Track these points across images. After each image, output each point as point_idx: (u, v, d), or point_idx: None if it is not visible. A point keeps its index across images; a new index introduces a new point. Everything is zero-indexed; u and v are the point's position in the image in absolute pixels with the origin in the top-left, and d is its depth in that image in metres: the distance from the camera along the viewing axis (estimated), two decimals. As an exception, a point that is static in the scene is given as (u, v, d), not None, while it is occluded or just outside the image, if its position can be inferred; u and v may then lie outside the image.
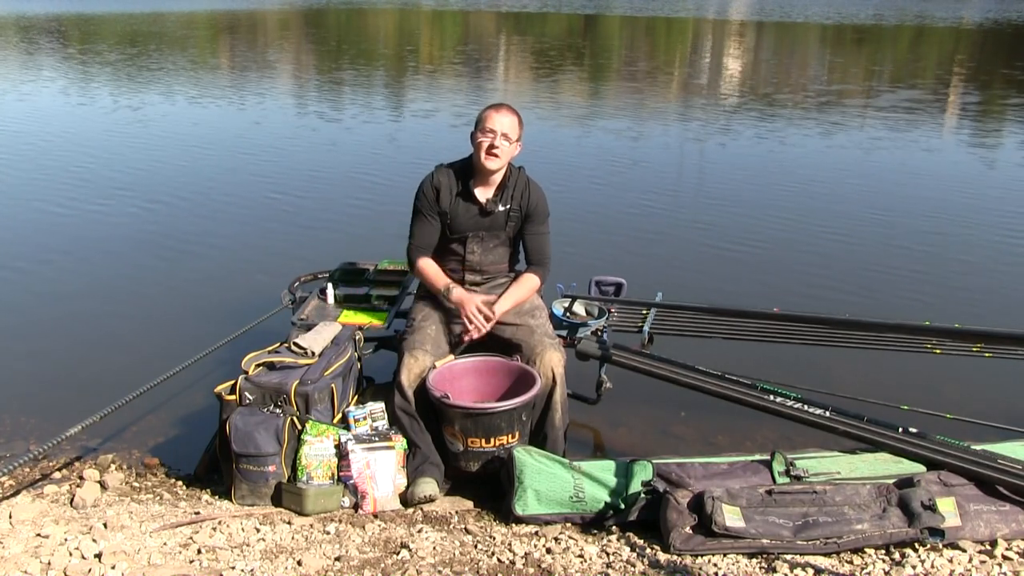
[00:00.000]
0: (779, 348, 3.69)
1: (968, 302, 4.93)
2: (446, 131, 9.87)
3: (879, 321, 3.62)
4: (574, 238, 5.71)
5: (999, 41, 24.74)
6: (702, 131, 10.47)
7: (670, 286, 4.61)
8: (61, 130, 9.78)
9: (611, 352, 3.35)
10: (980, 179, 8.16)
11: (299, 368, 2.95)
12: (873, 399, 3.14)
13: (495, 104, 3.15)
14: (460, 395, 3.00)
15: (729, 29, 28.73)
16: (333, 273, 3.89)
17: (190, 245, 5.77)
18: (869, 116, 11.46)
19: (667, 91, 14.65)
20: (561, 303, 3.63)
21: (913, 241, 6.03)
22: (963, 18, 32.92)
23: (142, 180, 7.45)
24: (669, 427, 3.58)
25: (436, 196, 3.16)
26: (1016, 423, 3.01)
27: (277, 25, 27.55)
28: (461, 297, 3.11)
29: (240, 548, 2.47)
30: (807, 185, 7.65)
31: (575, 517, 2.71)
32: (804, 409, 2.98)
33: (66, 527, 2.54)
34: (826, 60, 19.60)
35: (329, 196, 7.04)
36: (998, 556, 2.43)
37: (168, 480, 3.12)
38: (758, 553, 2.43)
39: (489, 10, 35.36)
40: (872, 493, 2.55)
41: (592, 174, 7.89)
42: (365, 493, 2.81)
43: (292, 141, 9.44)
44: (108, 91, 12.89)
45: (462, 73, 16.43)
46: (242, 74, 15.44)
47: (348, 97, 12.86)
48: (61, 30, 24.07)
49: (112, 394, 3.09)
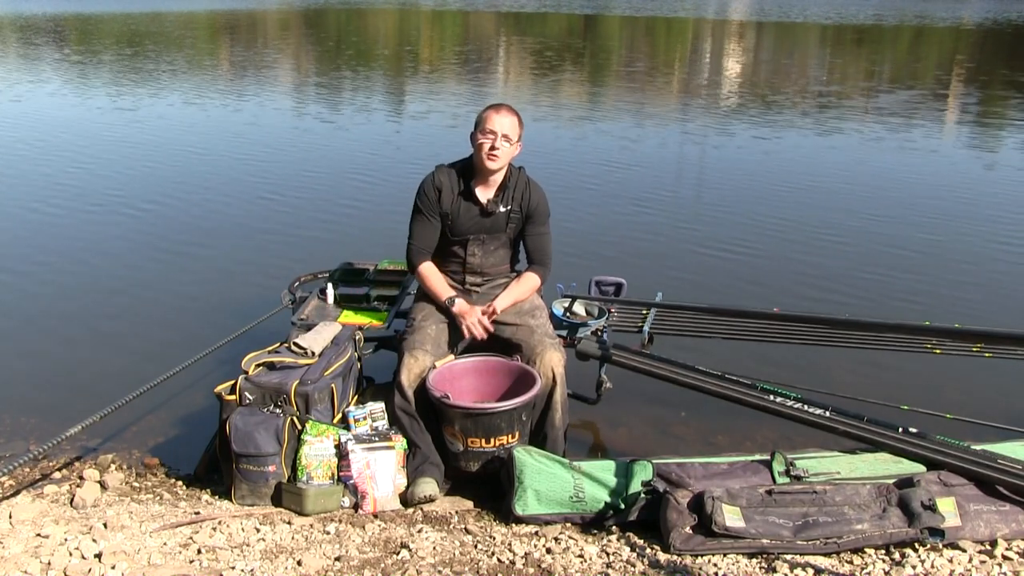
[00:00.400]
0: (779, 348, 3.69)
1: (968, 302, 4.93)
2: (446, 131, 9.87)
3: (879, 321, 3.63)
4: (574, 238, 5.71)
5: (999, 41, 24.75)
6: (702, 131, 10.47)
7: (670, 286, 4.62)
8: (59, 131, 9.78)
9: (611, 352, 3.35)
10: (980, 179, 8.16)
11: (299, 368, 2.95)
12: (873, 399, 3.14)
13: (495, 104, 3.14)
14: (460, 395, 3.00)
15: (729, 29, 28.73)
16: (333, 273, 3.89)
17: (190, 245, 5.76)
18: (869, 116, 11.46)
19: (667, 91, 14.65)
20: (561, 303, 3.63)
21: (913, 241, 6.03)
22: (963, 18, 32.92)
23: (141, 180, 7.45)
24: (669, 427, 3.58)
25: (437, 196, 3.16)
26: (1016, 423, 3.02)
27: (277, 25, 27.56)
28: (463, 310, 3.15)
29: (240, 548, 2.47)
30: (807, 185, 7.65)
31: (575, 517, 2.71)
32: (804, 409, 2.98)
33: (66, 527, 2.54)
34: (826, 60, 19.60)
35: (329, 196, 7.04)
36: (998, 556, 2.44)
37: (168, 480, 3.12)
38: (758, 553, 2.44)
39: (489, 10, 35.35)
40: (872, 493, 2.55)
41: (592, 174, 7.89)
42: (365, 493, 2.81)
43: (292, 141, 9.44)
44: (107, 92, 12.89)
45: (462, 73, 16.42)
46: (241, 75, 15.44)
47: (347, 97, 12.86)
48: (59, 30, 24.06)
49: (112, 394, 3.09)
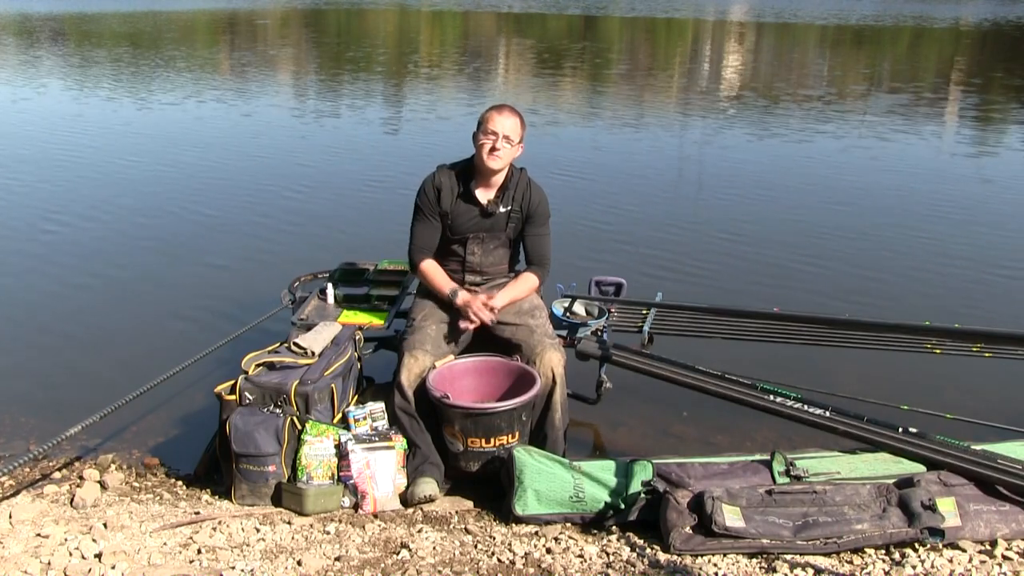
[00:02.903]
0: (779, 348, 3.69)
1: (968, 302, 4.93)
2: (446, 131, 9.86)
3: (879, 321, 3.63)
4: (574, 238, 5.71)
5: (998, 43, 24.76)
6: (702, 131, 10.47)
7: (670, 286, 4.62)
8: (58, 131, 9.77)
9: (611, 352, 3.35)
10: (980, 179, 8.16)
11: (299, 368, 2.95)
12: (873, 399, 3.14)
13: (497, 105, 3.15)
14: (460, 395, 3.00)
15: (729, 30, 28.73)
16: (333, 273, 3.89)
17: (189, 245, 5.76)
18: (868, 117, 11.46)
19: (667, 92, 14.65)
20: (561, 303, 3.63)
21: (913, 241, 6.02)
22: (961, 19, 32.92)
23: (140, 180, 7.45)
24: (669, 427, 3.57)
25: (437, 196, 3.16)
26: (1016, 423, 3.01)
27: (277, 25, 27.55)
28: (466, 299, 3.15)
29: (240, 548, 2.47)
30: (807, 185, 7.65)
31: (575, 517, 2.71)
32: (804, 409, 2.98)
33: (66, 527, 2.54)
34: (825, 61, 19.60)
35: (329, 196, 7.04)
36: (998, 556, 2.44)
37: (168, 480, 3.12)
38: (758, 553, 2.43)
39: (489, 11, 35.35)
40: (872, 493, 2.55)
41: (592, 174, 7.89)
42: (365, 493, 2.81)
43: (292, 141, 9.43)
44: (108, 91, 12.88)
45: (462, 73, 16.42)
46: (241, 74, 15.44)
47: (347, 97, 12.85)
48: (58, 30, 24.06)
49: (112, 394, 3.09)
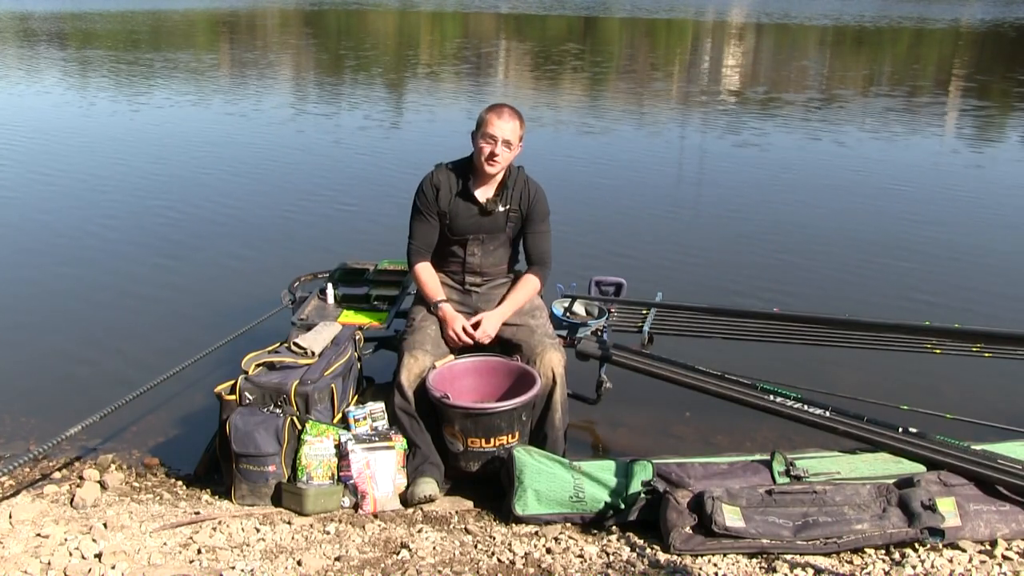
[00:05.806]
0: (779, 348, 3.69)
1: (968, 302, 4.93)
2: (446, 131, 9.87)
3: (879, 321, 3.63)
4: (574, 238, 5.70)
5: (998, 43, 24.76)
6: (702, 131, 10.47)
7: (670, 286, 4.61)
8: (59, 131, 9.78)
9: (611, 352, 3.35)
10: (980, 179, 8.15)
11: (299, 368, 2.95)
12: (873, 399, 3.14)
13: (496, 106, 3.10)
14: (460, 395, 3.00)
15: (729, 31, 28.73)
16: (333, 273, 3.89)
17: (190, 245, 5.76)
18: (868, 117, 11.46)
19: (667, 92, 14.65)
20: (561, 303, 3.63)
21: (913, 241, 6.02)
22: (960, 20, 32.93)
23: (140, 180, 7.44)
24: (669, 427, 3.57)
25: (436, 195, 3.16)
26: (1016, 423, 3.01)
27: (277, 24, 27.55)
28: (446, 316, 3.14)
29: (240, 548, 2.47)
30: (807, 185, 7.65)
31: (575, 517, 2.71)
32: (804, 409, 2.98)
33: (66, 527, 2.54)
34: (825, 62, 19.60)
35: (329, 196, 7.03)
36: (998, 556, 2.44)
37: (168, 480, 3.12)
38: (758, 553, 2.43)
39: (488, 11, 35.35)
40: (872, 493, 2.55)
41: (592, 174, 7.89)
42: (365, 493, 2.81)
43: (291, 141, 9.43)
44: (108, 91, 12.88)
45: (462, 73, 16.42)
46: (241, 74, 15.44)
47: (347, 97, 12.85)
48: (58, 29, 24.06)
49: (112, 394, 3.10)
